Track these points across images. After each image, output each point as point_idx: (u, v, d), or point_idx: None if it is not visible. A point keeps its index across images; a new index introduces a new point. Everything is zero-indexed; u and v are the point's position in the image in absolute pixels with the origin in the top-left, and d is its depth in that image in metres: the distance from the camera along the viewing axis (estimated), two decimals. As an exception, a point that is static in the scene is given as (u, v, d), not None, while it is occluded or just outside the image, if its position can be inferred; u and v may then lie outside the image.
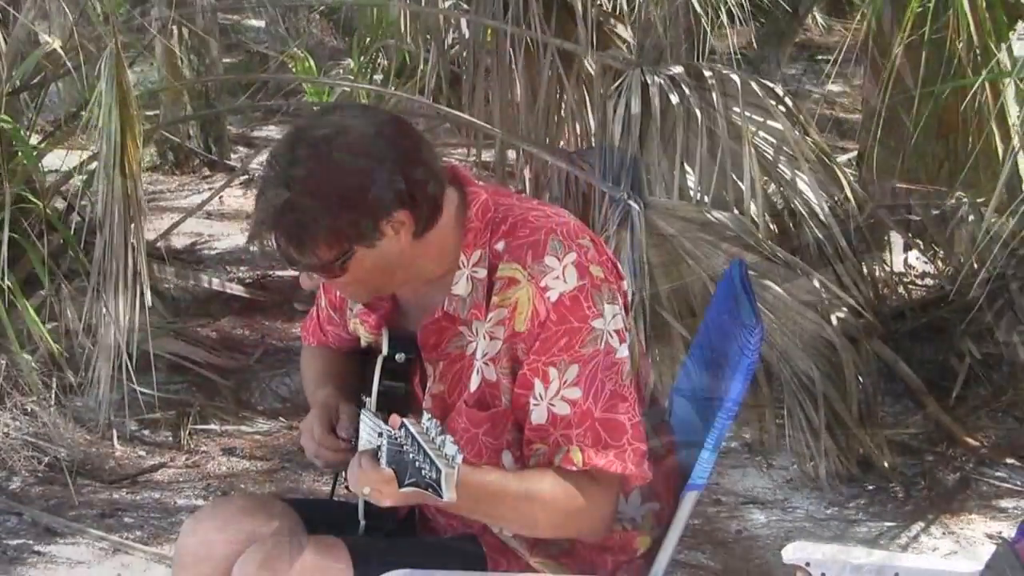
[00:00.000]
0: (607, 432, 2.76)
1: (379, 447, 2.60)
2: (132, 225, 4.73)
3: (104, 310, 4.78)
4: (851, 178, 5.59)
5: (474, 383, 2.82)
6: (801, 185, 5.21)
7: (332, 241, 2.70)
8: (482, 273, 2.80)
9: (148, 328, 4.94)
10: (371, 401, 2.89)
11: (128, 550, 4.62)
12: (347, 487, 3.02)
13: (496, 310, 2.78)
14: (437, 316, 2.83)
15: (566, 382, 2.75)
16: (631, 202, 4.88)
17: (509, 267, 2.78)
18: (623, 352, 2.79)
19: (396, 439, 2.55)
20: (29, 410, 5.27)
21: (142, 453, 5.31)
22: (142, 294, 4.78)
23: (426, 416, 2.55)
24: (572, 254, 2.77)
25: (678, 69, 5.22)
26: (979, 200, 5.77)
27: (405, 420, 2.54)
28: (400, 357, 2.90)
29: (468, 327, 2.82)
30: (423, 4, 5.69)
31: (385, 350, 2.91)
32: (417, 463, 2.50)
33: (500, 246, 2.80)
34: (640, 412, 2.82)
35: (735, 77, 5.20)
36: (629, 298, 2.92)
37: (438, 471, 2.47)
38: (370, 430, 2.78)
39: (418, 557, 2.83)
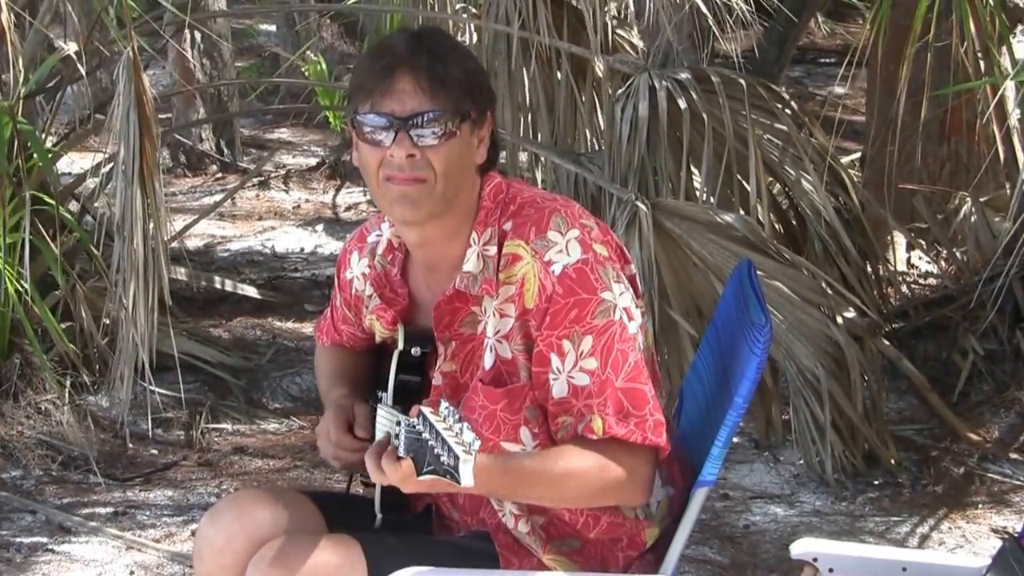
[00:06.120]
0: (630, 401, 2.78)
1: (396, 435, 2.60)
2: (151, 226, 4.77)
3: (123, 311, 4.82)
4: (855, 179, 5.62)
5: (488, 361, 2.84)
6: (806, 186, 5.22)
7: (468, 89, 2.81)
8: (492, 251, 2.83)
9: (169, 328, 4.99)
10: (387, 395, 2.91)
11: (141, 548, 4.64)
12: (364, 482, 3.04)
13: (504, 287, 2.81)
14: (450, 294, 2.85)
15: (582, 353, 2.76)
16: (639, 203, 4.91)
17: (513, 243, 2.81)
18: (633, 329, 2.80)
19: (414, 427, 2.54)
20: (43, 409, 5.30)
21: (155, 452, 5.34)
22: (161, 295, 4.82)
23: (443, 404, 2.55)
24: (575, 231, 2.79)
25: (685, 73, 5.27)
26: (982, 200, 5.80)
27: (422, 408, 2.55)
28: (416, 351, 2.93)
29: (480, 306, 2.84)
30: (435, 9, 5.70)
31: (401, 345, 2.94)
32: (435, 450, 2.50)
33: (508, 225, 2.84)
34: (656, 390, 2.84)
35: (741, 80, 5.24)
36: (639, 283, 2.93)
37: (456, 458, 2.46)
38: (386, 423, 2.80)
39: (431, 557, 2.83)
